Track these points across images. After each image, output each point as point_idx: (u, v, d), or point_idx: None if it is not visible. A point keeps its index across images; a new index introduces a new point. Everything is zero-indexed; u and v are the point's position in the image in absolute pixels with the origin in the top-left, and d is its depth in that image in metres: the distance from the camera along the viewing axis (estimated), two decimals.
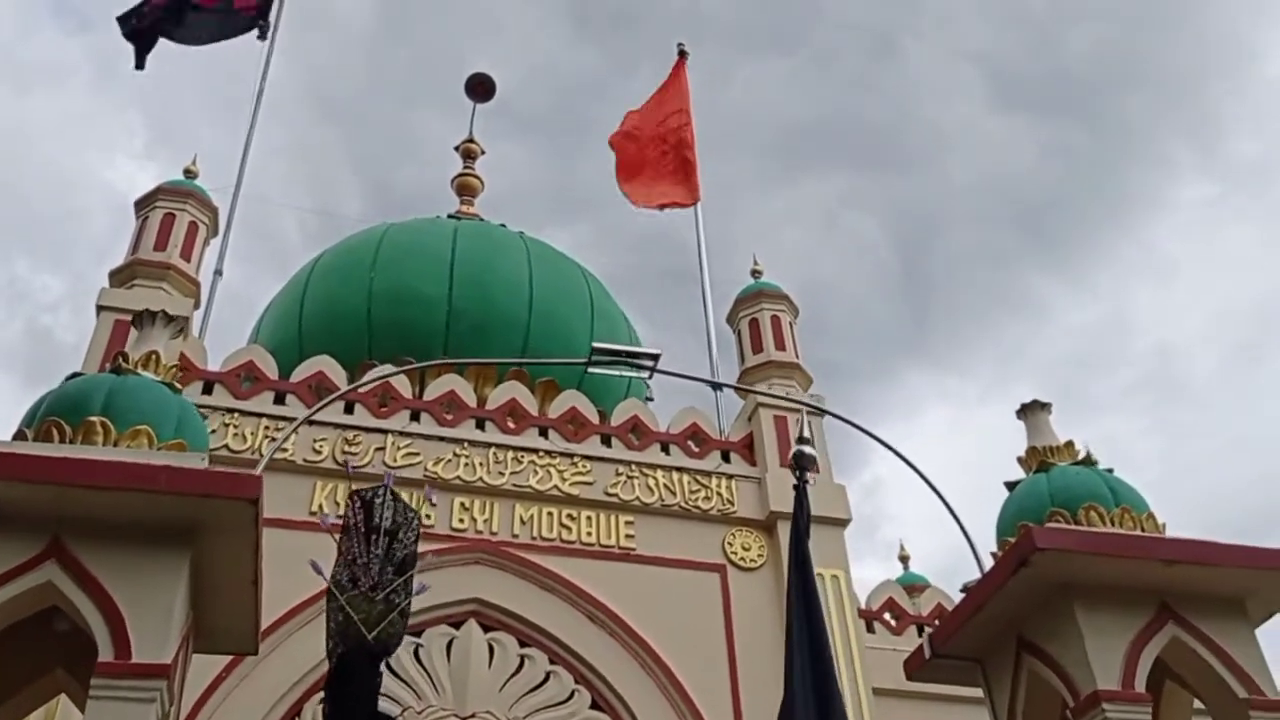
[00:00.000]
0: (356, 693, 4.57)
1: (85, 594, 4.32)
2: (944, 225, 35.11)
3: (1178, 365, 33.42)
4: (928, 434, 33.13)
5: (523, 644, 8.81)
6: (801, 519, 4.94)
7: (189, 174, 11.06)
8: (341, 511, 4.99)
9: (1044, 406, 6.33)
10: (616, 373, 8.66)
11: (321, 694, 4.80)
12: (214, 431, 8.58)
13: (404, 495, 5.15)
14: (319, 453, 9.11)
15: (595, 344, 8.59)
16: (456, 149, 15.79)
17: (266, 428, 9.12)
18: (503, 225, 13.79)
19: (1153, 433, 32.66)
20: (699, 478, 10.16)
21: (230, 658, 7.35)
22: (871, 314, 33.93)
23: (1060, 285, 35.22)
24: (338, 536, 4.92)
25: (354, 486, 5.15)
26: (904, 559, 14.20)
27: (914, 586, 12.10)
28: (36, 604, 4.38)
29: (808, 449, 5.04)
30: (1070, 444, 6.13)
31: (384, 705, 7.86)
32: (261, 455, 8.25)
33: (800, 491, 5.01)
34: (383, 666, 4.72)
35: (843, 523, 10.10)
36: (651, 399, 12.74)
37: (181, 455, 4.79)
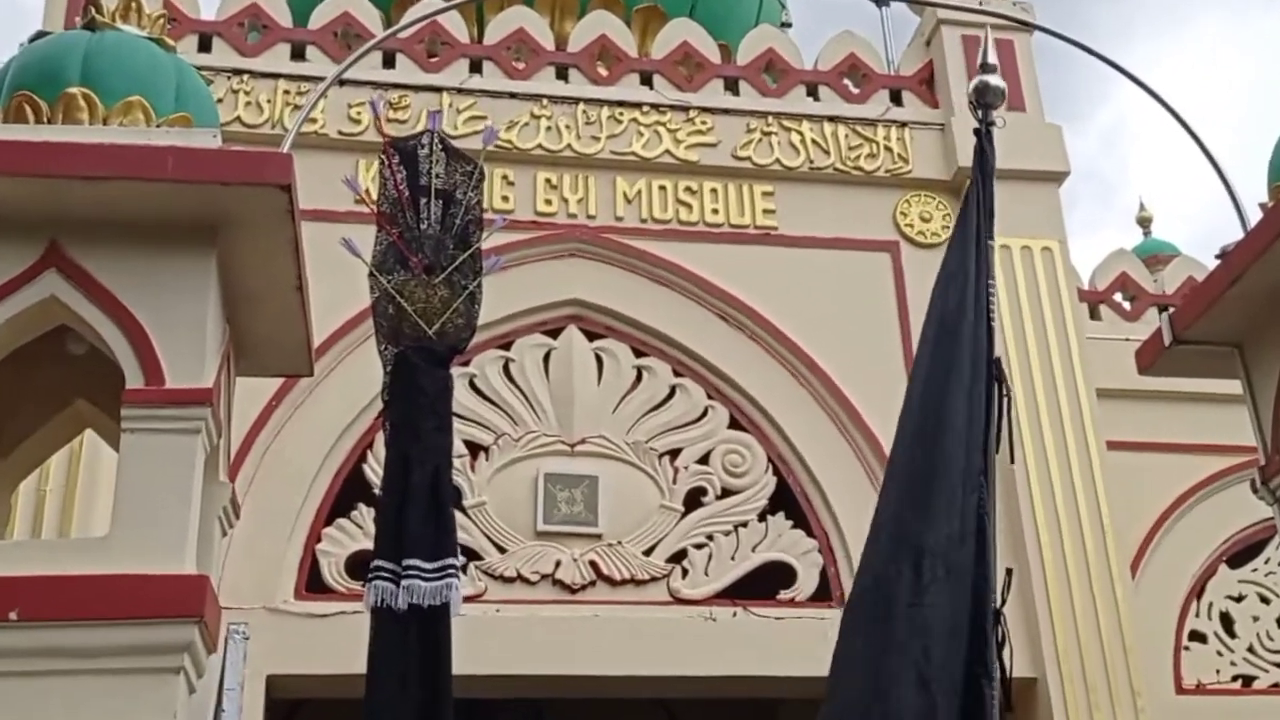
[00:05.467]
0: (421, 406, 4.65)
1: (97, 308, 4.65)
2: None
3: None
4: (1197, 55, 31.60)
5: (638, 353, 9.28)
6: (979, 179, 4.80)
7: None
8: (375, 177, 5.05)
9: None
10: None
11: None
12: (220, 100, 8.81)
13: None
14: (357, 122, 9.33)
15: None
16: None
17: (286, 92, 9.35)
18: None
19: None
20: (860, 128, 10.13)
21: (280, 382, 7.93)
22: None
23: None
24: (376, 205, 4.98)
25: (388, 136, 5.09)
26: (1144, 221, 14.02)
27: (1157, 257, 12.08)
28: (41, 323, 4.76)
29: (992, 79, 4.84)
30: None
31: (472, 432, 8.51)
32: (286, 129, 8.49)
33: (982, 138, 4.86)
34: (452, 369, 4.82)
35: (1058, 176, 10.05)
36: (789, 24, 12.46)
37: (188, 133, 5.01)
